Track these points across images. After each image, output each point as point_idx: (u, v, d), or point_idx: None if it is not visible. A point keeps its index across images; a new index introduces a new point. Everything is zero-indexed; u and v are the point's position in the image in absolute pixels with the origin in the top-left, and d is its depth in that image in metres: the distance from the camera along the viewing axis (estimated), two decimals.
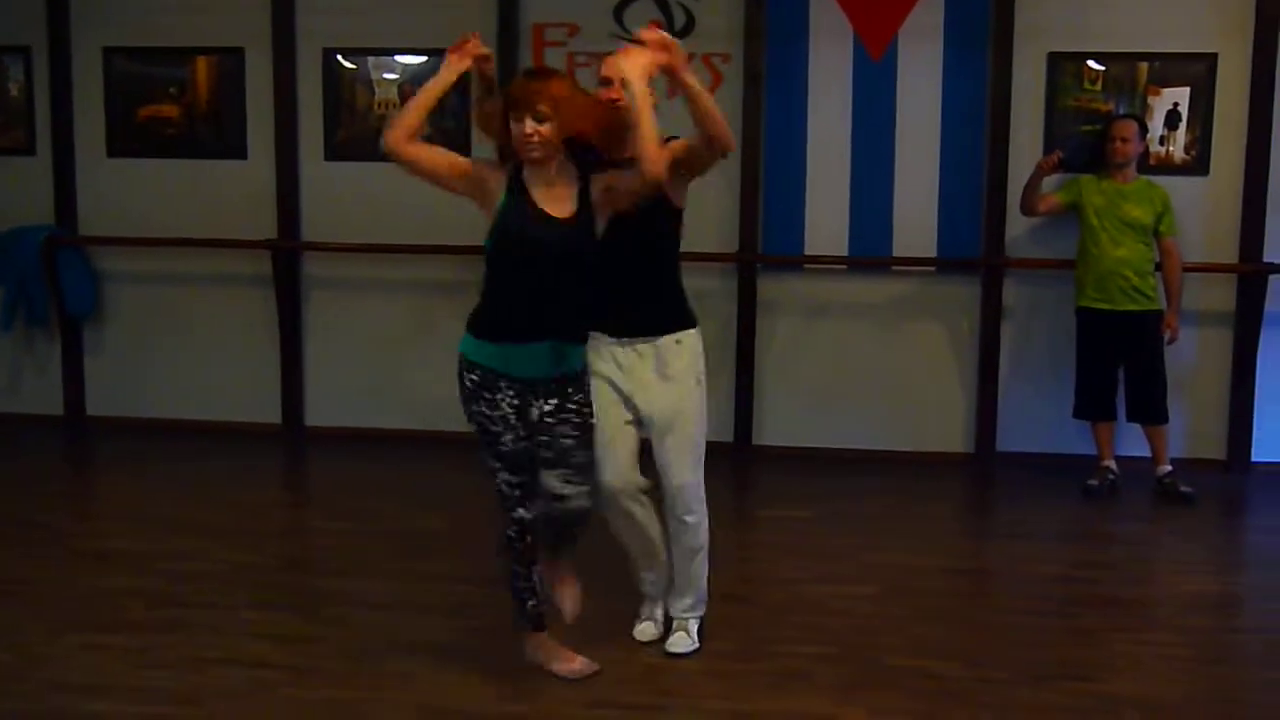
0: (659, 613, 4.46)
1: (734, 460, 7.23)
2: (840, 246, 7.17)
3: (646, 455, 4.28)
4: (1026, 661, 4.37)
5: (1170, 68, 6.92)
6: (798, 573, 5.29)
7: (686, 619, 4.37)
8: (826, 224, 7.15)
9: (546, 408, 3.94)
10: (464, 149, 6.91)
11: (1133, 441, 6.71)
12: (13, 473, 6.89)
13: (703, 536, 4.32)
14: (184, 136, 7.65)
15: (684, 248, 4.27)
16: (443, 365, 4.73)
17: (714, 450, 7.38)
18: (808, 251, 7.20)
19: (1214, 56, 6.87)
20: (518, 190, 3.84)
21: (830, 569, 5.35)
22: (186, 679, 4.15)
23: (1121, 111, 6.84)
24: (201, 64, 7.59)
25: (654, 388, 4.18)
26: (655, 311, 4.21)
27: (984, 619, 4.89)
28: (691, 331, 4.27)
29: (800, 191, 7.13)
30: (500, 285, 3.88)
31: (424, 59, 7.34)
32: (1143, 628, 4.77)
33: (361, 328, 7.62)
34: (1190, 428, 7.03)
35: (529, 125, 3.72)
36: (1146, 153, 6.79)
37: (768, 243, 7.22)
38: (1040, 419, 7.12)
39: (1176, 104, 6.92)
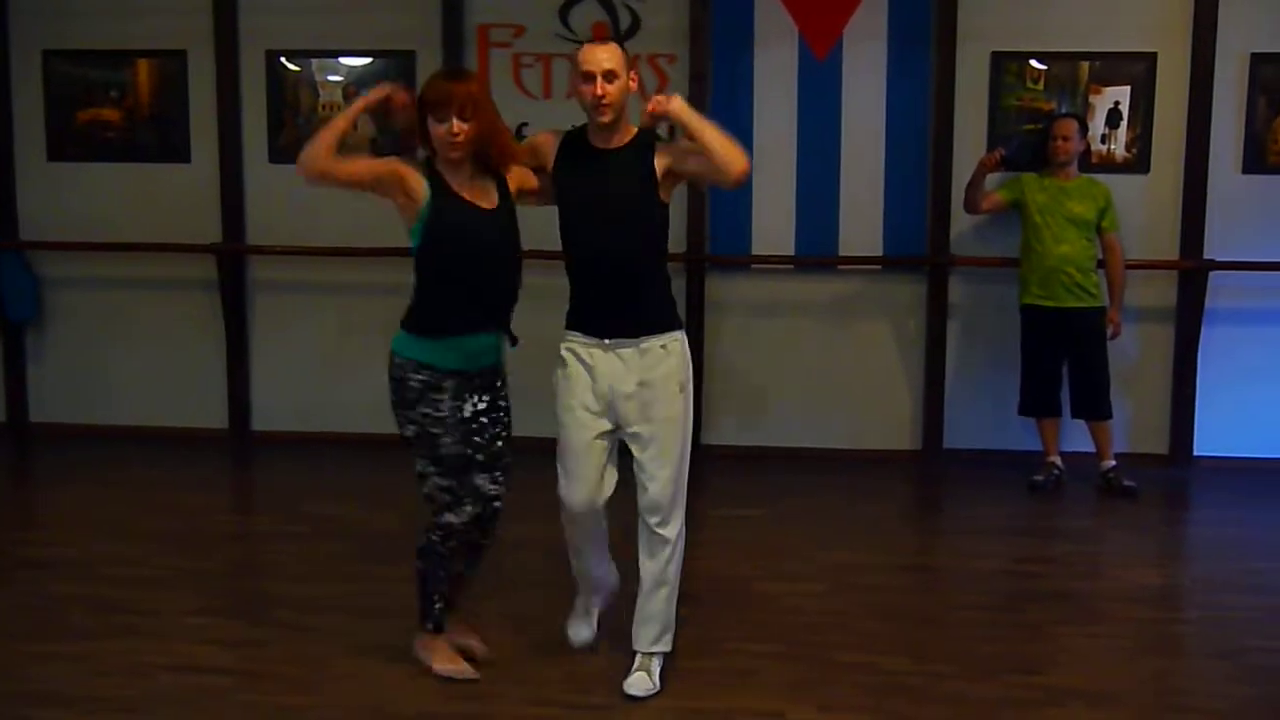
0: (593, 621, 4.36)
1: None
2: (787, 246, 7.21)
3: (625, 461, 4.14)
4: (974, 656, 4.41)
5: (1111, 67, 7.00)
6: (747, 571, 5.31)
7: (651, 654, 4.12)
8: (773, 224, 7.18)
9: (480, 405, 3.99)
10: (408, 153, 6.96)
11: (1077, 437, 6.78)
12: None
13: (678, 564, 4.09)
14: (126, 140, 7.57)
15: None
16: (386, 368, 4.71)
17: None
18: (755, 251, 7.23)
19: (1153, 56, 6.97)
20: (443, 188, 3.89)
21: (779, 567, 5.37)
22: (135, 686, 4.11)
23: (1064, 110, 6.92)
24: (143, 66, 7.51)
25: (636, 396, 3.98)
26: (640, 312, 4.01)
27: (932, 614, 4.93)
28: (677, 335, 4.08)
29: (747, 192, 7.15)
30: (445, 281, 3.91)
31: (368, 61, 7.31)
32: (1088, 620, 4.83)
33: (308, 331, 7.57)
34: (1133, 422, 7.13)
35: (455, 125, 3.79)
36: (1088, 151, 6.87)
37: (715, 243, 7.25)
38: (986, 416, 7.19)
39: (1118, 102, 7.00)
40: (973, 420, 7.23)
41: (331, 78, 7.39)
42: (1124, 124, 7.02)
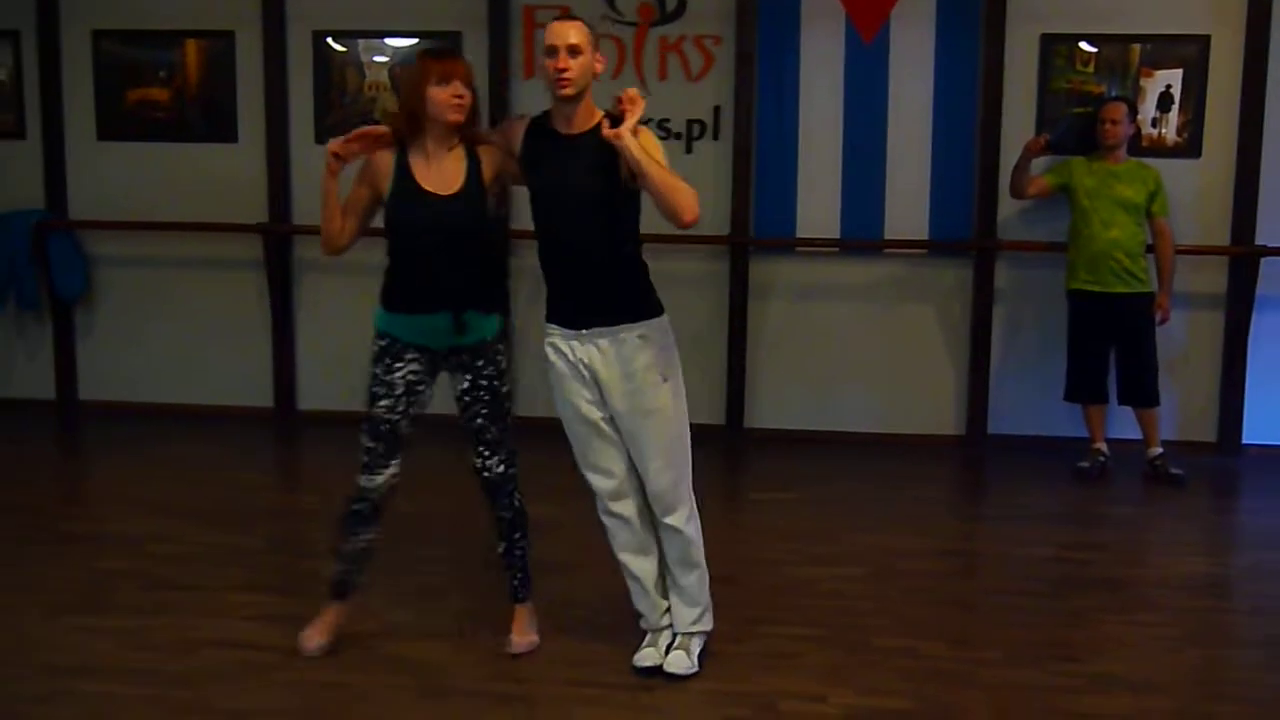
0: (662, 640, 4.17)
1: (725, 443, 7.24)
2: (832, 229, 7.17)
3: None
4: (1016, 642, 4.38)
5: (1163, 49, 6.92)
6: (788, 555, 5.30)
7: (690, 635, 4.12)
8: (818, 207, 7.15)
9: (463, 385, 4.11)
10: None
11: (1124, 424, 6.73)
12: (5, 457, 6.88)
13: (698, 549, 4.08)
14: (174, 120, 7.63)
15: (675, 230, 4.15)
16: None
17: (705, 433, 7.39)
18: (799, 234, 7.20)
19: (1206, 38, 6.88)
20: (405, 174, 4.02)
21: (820, 551, 5.36)
22: (180, 660, 4.16)
23: (1114, 94, 6.84)
24: (191, 47, 7.56)
25: (619, 386, 3.93)
26: (611, 300, 3.93)
27: (973, 600, 4.91)
28: (655, 322, 3.97)
29: (792, 174, 7.13)
30: (396, 260, 4.08)
31: (414, 41, 7.32)
32: (1132, 608, 4.79)
33: (353, 310, 7.57)
34: (1181, 410, 7.06)
35: (459, 88, 3.93)
36: (1138, 135, 6.80)
37: (759, 225, 7.22)
38: (1031, 402, 7.14)
39: (1169, 86, 6.92)
40: (1018, 406, 7.19)
41: (377, 58, 7.41)
42: (1175, 107, 6.93)
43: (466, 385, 4.10)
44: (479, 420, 4.13)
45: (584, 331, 3.93)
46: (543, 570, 4.60)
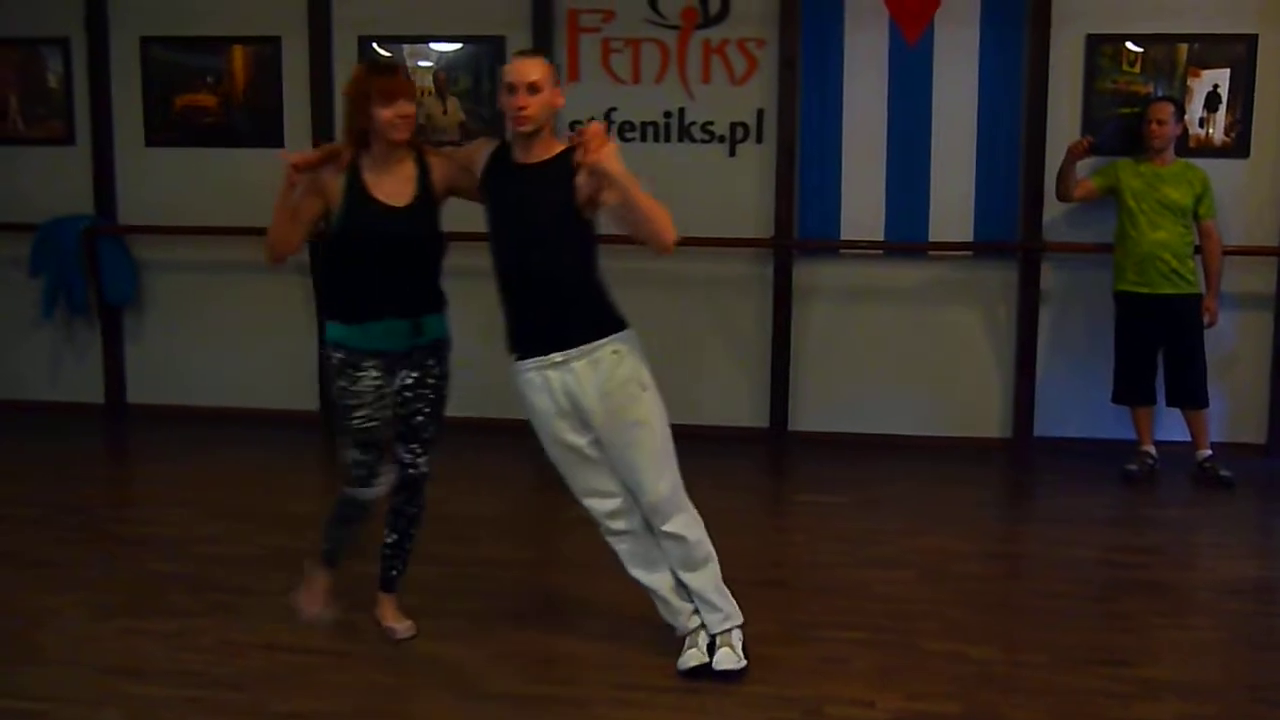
0: (701, 640, 4.15)
1: (770, 446, 7.22)
2: (876, 231, 7.14)
3: None
4: (1065, 646, 4.35)
5: (1210, 49, 6.85)
6: (835, 558, 5.29)
7: (728, 633, 4.13)
8: (863, 209, 7.12)
9: (408, 381, 4.18)
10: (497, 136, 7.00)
11: (1172, 426, 6.67)
12: (55, 460, 6.95)
13: (702, 548, 4.08)
14: (221, 125, 7.69)
15: (719, 233, 4.16)
16: (479, 349, 4.77)
17: (750, 436, 7.41)
18: (844, 237, 7.17)
19: (1254, 38, 6.80)
20: (357, 188, 4.07)
21: (868, 554, 5.34)
22: (227, 663, 4.19)
23: (1161, 94, 6.78)
24: (238, 53, 7.63)
25: (600, 405, 3.94)
26: (572, 322, 3.97)
27: (1022, 603, 4.88)
28: (625, 334, 4.01)
29: (836, 176, 7.11)
30: (347, 272, 4.12)
31: (458, 46, 7.35)
32: (1182, 612, 4.75)
33: None
34: (1230, 411, 6.98)
35: (403, 107, 4.00)
36: (1186, 135, 6.74)
37: (804, 228, 7.20)
38: (1078, 404, 7.08)
39: (1216, 85, 6.85)
40: (1065, 408, 7.13)
41: (422, 63, 7.44)
42: (1223, 107, 6.86)
43: (412, 381, 4.18)
44: (420, 418, 4.22)
45: (557, 358, 3.96)
46: (582, 572, 4.61)
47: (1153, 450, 6.59)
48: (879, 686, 4.03)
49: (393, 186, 4.09)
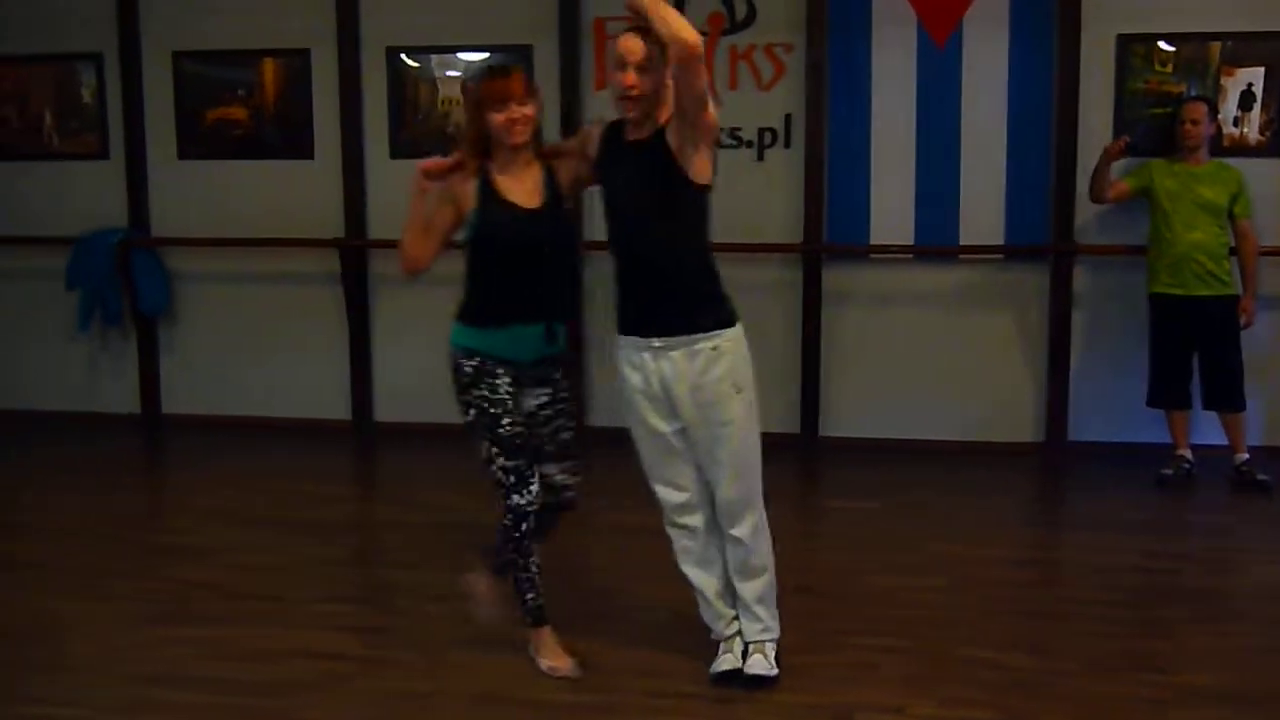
0: (736, 646, 4.14)
1: (801, 452, 7.21)
2: (906, 235, 7.11)
3: None
4: (1100, 653, 4.31)
5: (1243, 47, 6.78)
6: (866, 564, 5.26)
7: (762, 642, 4.10)
8: (892, 213, 7.09)
9: (541, 400, 4.10)
10: None
11: (1208, 429, 6.60)
12: (91, 470, 7.01)
13: (760, 558, 4.03)
14: (252, 138, 7.75)
15: (748, 238, 4.12)
16: None
17: (780, 442, 7.36)
18: (873, 241, 7.15)
19: None
20: (489, 192, 4.03)
21: (899, 560, 5.31)
22: (260, 670, 4.21)
23: (1194, 93, 6.73)
24: (269, 66, 7.68)
25: (691, 398, 3.88)
26: (681, 309, 3.88)
27: (1056, 610, 4.84)
28: (730, 333, 3.92)
29: (865, 180, 7.09)
30: (487, 277, 4.06)
31: (486, 55, 7.38)
32: (1219, 618, 4.70)
33: (429, 323, 7.63)
34: (1268, 414, 6.90)
35: (514, 110, 3.93)
36: (1220, 135, 6.68)
37: (833, 232, 7.18)
38: (1113, 408, 7.02)
39: (1250, 84, 6.79)
40: (1099, 412, 7.08)
41: (450, 73, 7.48)
42: (1258, 106, 6.80)
43: (545, 400, 4.10)
44: (564, 434, 4.15)
45: (656, 343, 3.89)
46: (612, 578, 4.60)
47: (1189, 454, 6.52)
48: (910, 693, 4.00)
49: (523, 190, 4.03)
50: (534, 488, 4.03)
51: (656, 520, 4.19)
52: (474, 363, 4.03)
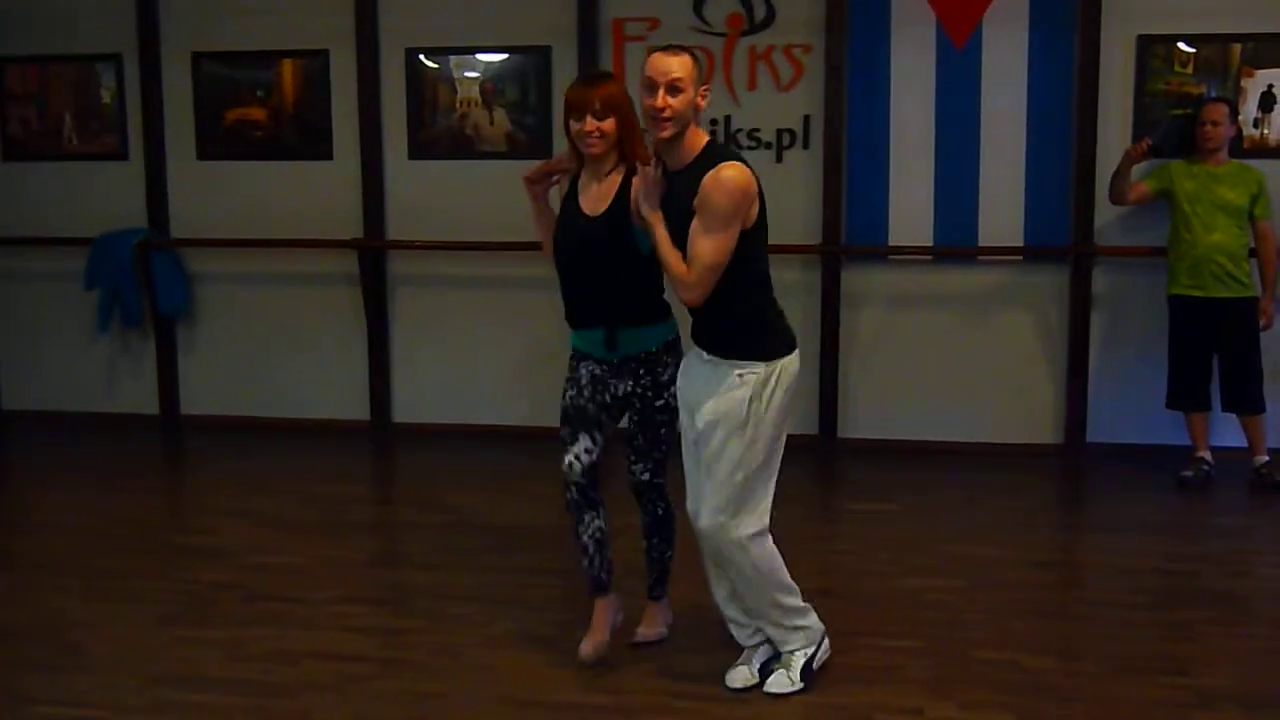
0: (756, 658, 4.12)
1: (819, 453, 7.20)
2: (925, 236, 7.10)
3: None
4: (1120, 655, 4.30)
5: (1264, 48, 6.75)
6: (886, 566, 5.25)
7: (792, 653, 4.05)
8: (911, 214, 7.08)
9: (623, 390, 4.17)
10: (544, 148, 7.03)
11: (1228, 432, 6.57)
12: (110, 471, 7.03)
13: (759, 563, 3.92)
14: (271, 139, 7.76)
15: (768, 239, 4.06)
16: (526, 360, 4.77)
17: (799, 443, 7.34)
18: (892, 242, 7.14)
19: None
20: (570, 194, 4.17)
21: (919, 562, 5.30)
22: (280, 671, 4.21)
23: (1214, 94, 6.70)
24: (287, 67, 7.69)
25: (702, 399, 3.89)
26: (718, 334, 3.87)
27: (1076, 612, 4.83)
28: (760, 366, 3.83)
29: (884, 182, 7.08)
30: (560, 279, 4.22)
31: (504, 56, 7.38)
32: (1240, 621, 4.68)
33: (447, 324, 7.68)
34: None
35: (589, 123, 3.96)
36: (1240, 136, 6.66)
37: (851, 233, 7.17)
38: (1132, 409, 7.00)
39: (1271, 85, 6.76)
40: (1118, 414, 7.05)
41: (469, 74, 7.48)
42: (1278, 107, 6.77)
43: (625, 392, 4.17)
44: (629, 427, 4.25)
45: (704, 355, 3.94)
46: (629, 579, 4.59)
47: (1208, 456, 6.49)
48: (930, 695, 3.99)
49: (595, 197, 4.07)
50: (576, 456, 4.14)
51: (680, 521, 4.20)
52: (572, 353, 4.26)
